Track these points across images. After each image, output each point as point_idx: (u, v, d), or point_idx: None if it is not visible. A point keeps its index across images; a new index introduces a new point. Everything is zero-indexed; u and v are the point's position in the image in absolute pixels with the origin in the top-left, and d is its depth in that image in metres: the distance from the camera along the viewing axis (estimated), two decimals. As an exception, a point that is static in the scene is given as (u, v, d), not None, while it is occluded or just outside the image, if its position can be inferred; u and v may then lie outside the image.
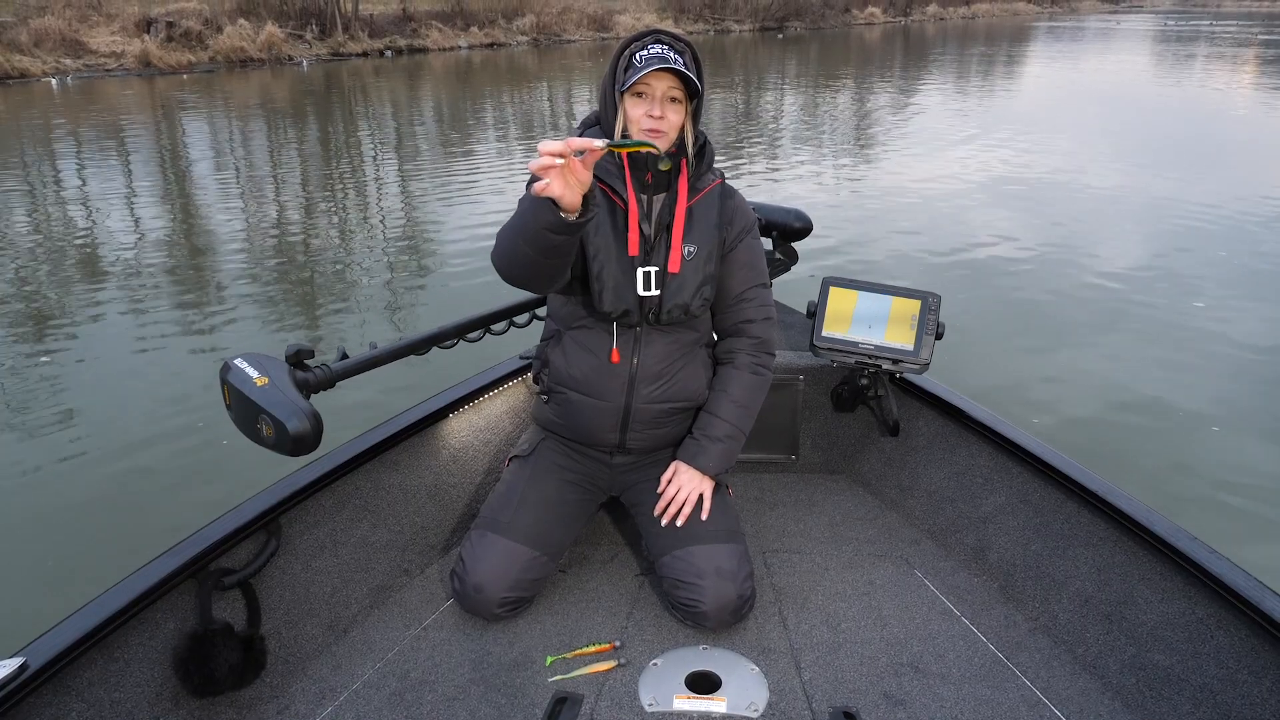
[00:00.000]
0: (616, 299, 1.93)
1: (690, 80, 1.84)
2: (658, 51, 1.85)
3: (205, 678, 1.69)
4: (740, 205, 2.08)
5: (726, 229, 2.03)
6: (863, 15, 47.46)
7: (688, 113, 1.92)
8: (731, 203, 2.05)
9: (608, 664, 1.86)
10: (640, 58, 1.85)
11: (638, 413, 2.03)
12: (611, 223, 1.95)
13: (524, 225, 1.68)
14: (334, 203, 8.90)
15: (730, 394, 2.08)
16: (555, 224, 1.62)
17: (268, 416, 1.68)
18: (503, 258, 1.80)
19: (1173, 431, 4.13)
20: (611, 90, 1.91)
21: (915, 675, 1.85)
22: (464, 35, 28.25)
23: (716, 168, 2.08)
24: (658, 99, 1.87)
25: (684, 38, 1.91)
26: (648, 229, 1.96)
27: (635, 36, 1.91)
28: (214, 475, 3.68)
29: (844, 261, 6.52)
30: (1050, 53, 32.12)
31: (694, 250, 1.97)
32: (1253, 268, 6.51)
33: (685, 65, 1.85)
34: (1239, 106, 16.76)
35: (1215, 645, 1.70)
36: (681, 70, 1.82)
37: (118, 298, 5.89)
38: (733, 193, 2.08)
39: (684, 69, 1.83)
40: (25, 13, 21.32)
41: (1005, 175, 9.86)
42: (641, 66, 1.83)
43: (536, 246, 1.69)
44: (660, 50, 1.85)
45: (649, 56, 1.84)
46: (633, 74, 1.84)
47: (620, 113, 1.90)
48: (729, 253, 2.05)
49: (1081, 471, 2.07)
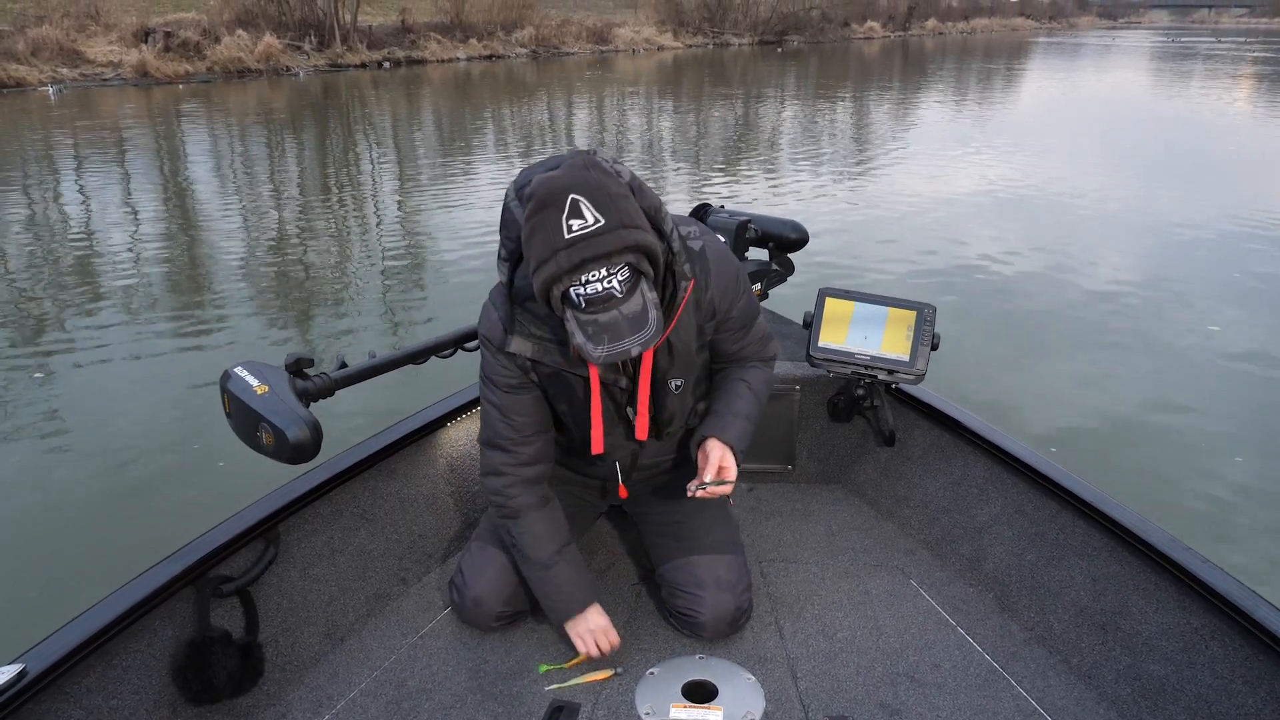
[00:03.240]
0: (612, 452, 1.90)
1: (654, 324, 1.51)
2: (607, 320, 1.48)
3: (203, 685, 1.69)
4: (714, 283, 1.76)
5: (707, 323, 1.80)
6: (862, 30, 47.72)
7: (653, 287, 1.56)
8: (706, 296, 1.76)
9: (604, 673, 1.86)
10: (578, 296, 1.48)
11: (640, 469, 2.02)
12: (584, 400, 1.79)
13: (531, 581, 1.92)
14: (333, 213, 8.92)
15: (746, 379, 1.92)
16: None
17: (268, 424, 1.69)
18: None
19: (1167, 442, 4.14)
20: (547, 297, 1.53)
21: (911, 685, 1.85)
22: (462, 47, 28.34)
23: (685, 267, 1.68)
24: None
25: (617, 248, 1.46)
26: (620, 395, 1.81)
27: (546, 257, 1.46)
28: (213, 483, 3.68)
29: (840, 272, 6.53)
30: (1048, 68, 32.31)
31: (681, 383, 1.82)
32: (1248, 282, 6.54)
33: (644, 310, 1.50)
34: (1237, 121, 16.85)
35: (1210, 655, 1.71)
36: (643, 346, 1.50)
37: (117, 306, 5.89)
38: (706, 273, 1.74)
39: (645, 339, 1.49)
40: (23, 22, 21.36)
41: (1001, 188, 9.90)
42: (589, 345, 1.49)
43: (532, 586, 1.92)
44: (599, 289, 1.46)
45: (597, 328, 1.48)
46: (575, 333, 1.51)
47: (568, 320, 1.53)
48: (720, 326, 1.84)
49: (1076, 482, 2.08)
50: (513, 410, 1.81)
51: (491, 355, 1.78)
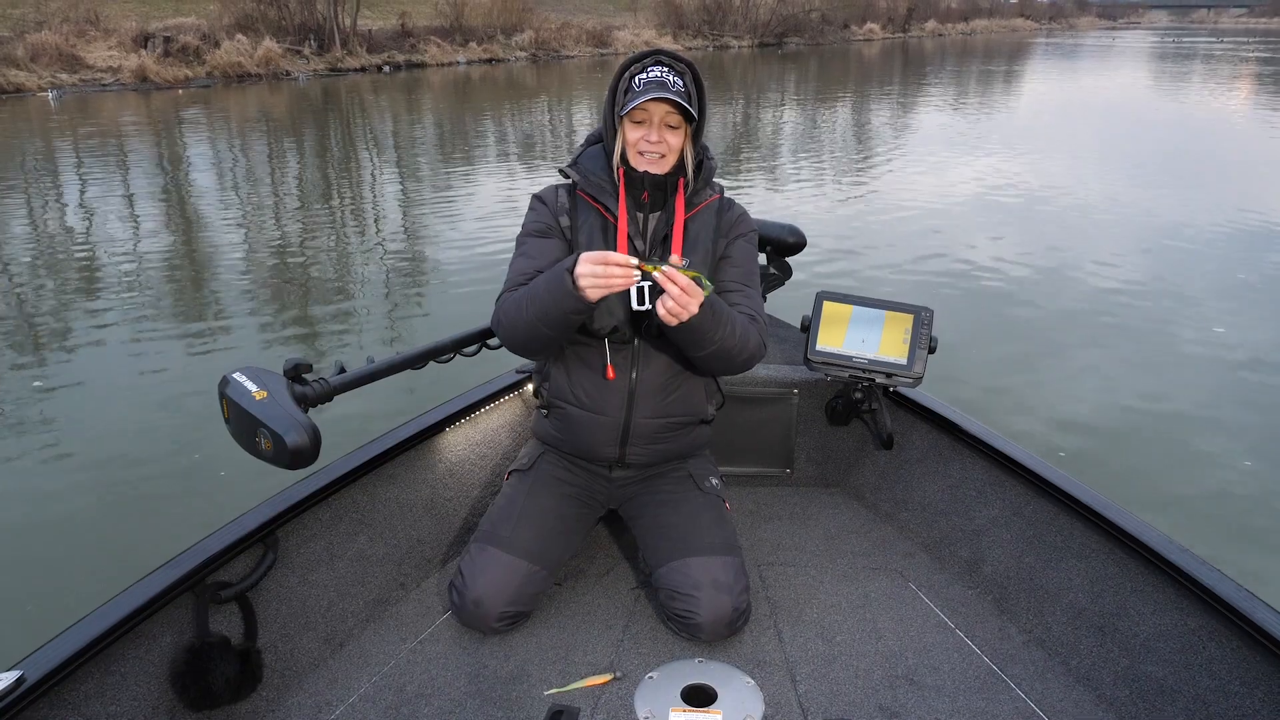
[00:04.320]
0: (607, 315, 1.94)
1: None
2: (657, 75, 1.85)
3: (202, 691, 1.69)
4: (739, 215, 2.08)
5: (723, 239, 2.04)
6: (862, 31, 47.80)
7: (687, 135, 1.93)
8: (730, 214, 2.06)
9: (604, 677, 1.86)
10: (639, 82, 1.86)
11: (638, 427, 2.04)
12: (603, 239, 1.96)
13: (546, 312, 1.81)
14: (332, 217, 8.93)
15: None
16: (582, 308, 1.76)
17: (266, 430, 1.69)
18: (515, 335, 1.91)
19: (1164, 445, 4.15)
20: (611, 113, 1.92)
21: (910, 688, 1.86)
22: (463, 51, 28.39)
23: (716, 182, 2.08)
24: (655, 124, 1.89)
25: (685, 58, 1.92)
26: (641, 245, 1.97)
27: (636, 57, 1.92)
28: (211, 488, 3.69)
29: (838, 276, 6.54)
30: (1047, 69, 32.31)
31: (689, 263, 1.97)
32: (1248, 283, 6.55)
33: (685, 88, 1.86)
34: (1239, 121, 16.85)
35: (1208, 656, 1.71)
36: (677, 99, 1.82)
37: (115, 311, 5.90)
38: (731, 204, 2.08)
39: (682, 95, 1.83)
40: (23, 27, 21.39)
41: (999, 190, 9.91)
42: (640, 91, 1.83)
43: (559, 329, 1.83)
44: (660, 74, 1.86)
45: (647, 81, 1.85)
46: (631, 99, 1.85)
47: (620, 135, 1.92)
48: (722, 257, 2.05)
49: (1074, 484, 2.08)
50: (536, 253, 1.99)
51: (533, 209, 2.05)
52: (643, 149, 1.90)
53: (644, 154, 1.90)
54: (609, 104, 1.93)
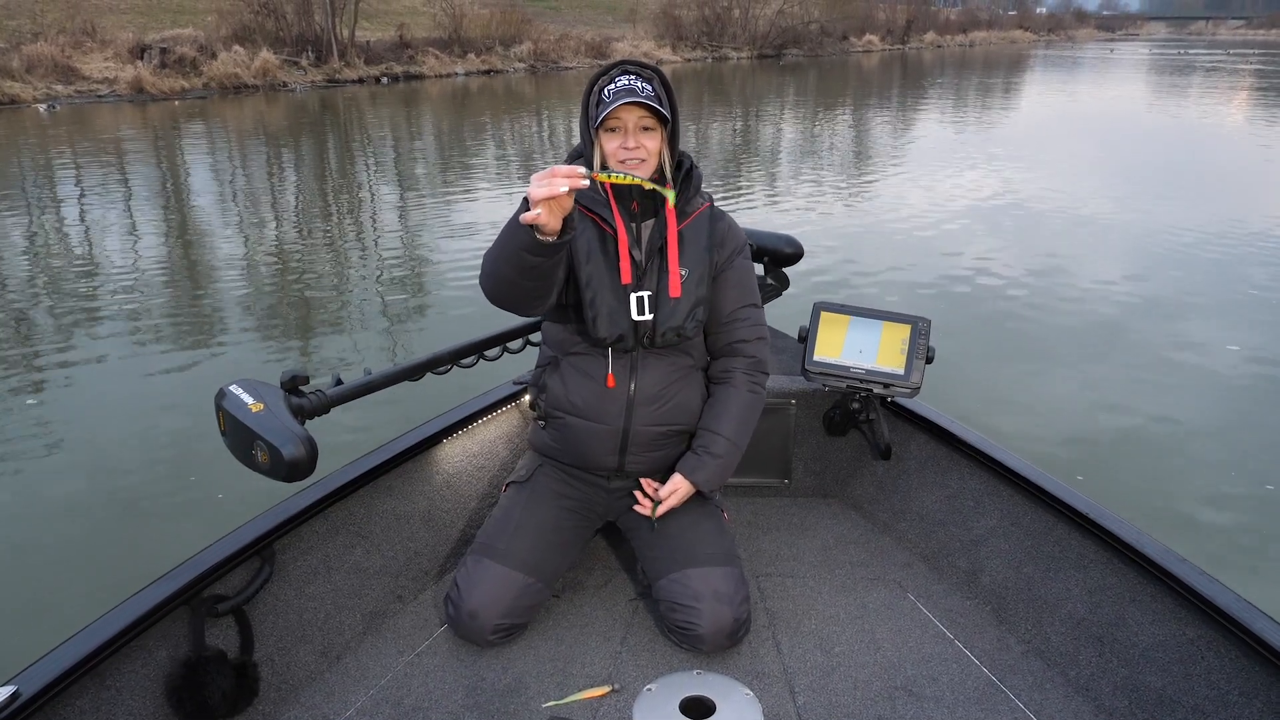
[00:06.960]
0: (611, 325, 1.95)
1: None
2: (625, 83, 1.88)
3: (198, 706, 1.69)
4: (730, 227, 2.10)
5: (717, 251, 2.05)
6: (861, 43, 47.93)
7: (663, 138, 1.95)
8: (721, 225, 2.07)
9: (602, 690, 1.86)
10: (609, 92, 1.88)
11: (636, 435, 2.04)
12: (602, 250, 1.97)
13: (503, 248, 1.78)
14: (329, 229, 8.94)
15: (730, 412, 2.08)
16: (533, 246, 1.71)
17: (263, 442, 1.69)
18: (487, 279, 1.89)
19: (1162, 454, 4.15)
20: (587, 128, 1.94)
21: (909, 699, 1.85)
22: (461, 62, 28.45)
23: (705, 191, 2.10)
24: (630, 131, 1.90)
25: (650, 65, 1.94)
26: (639, 255, 1.98)
27: (602, 70, 1.94)
28: (208, 501, 3.68)
29: (835, 287, 6.55)
30: (1046, 81, 32.43)
31: (687, 273, 1.99)
32: (1243, 293, 6.56)
33: (654, 91, 1.89)
34: (1238, 133, 16.91)
35: (1206, 667, 1.71)
36: (648, 102, 1.84)
37: (111, 322, 5.90)
38: (721, 215, 2.10)
39: (651, 99, 1.86)
40: (18, 39, 21.40)
41: (997, 201, 9.93)
42: (610, 101, 1.86)
43: (516, 267, 1.78)
44: (628, 81, 1.88)
45: (616, 90, 1.87)
46: (602, 109, 1.87)
47: (597, 147, 1.94)
48: (720, 274, 2.06)
49: (1072, 494, 2.08)
50: None
51: None
52: (621, 157, 1.91)
53: (624, 162, 1.92)
54: (583, 120, 1.96)
